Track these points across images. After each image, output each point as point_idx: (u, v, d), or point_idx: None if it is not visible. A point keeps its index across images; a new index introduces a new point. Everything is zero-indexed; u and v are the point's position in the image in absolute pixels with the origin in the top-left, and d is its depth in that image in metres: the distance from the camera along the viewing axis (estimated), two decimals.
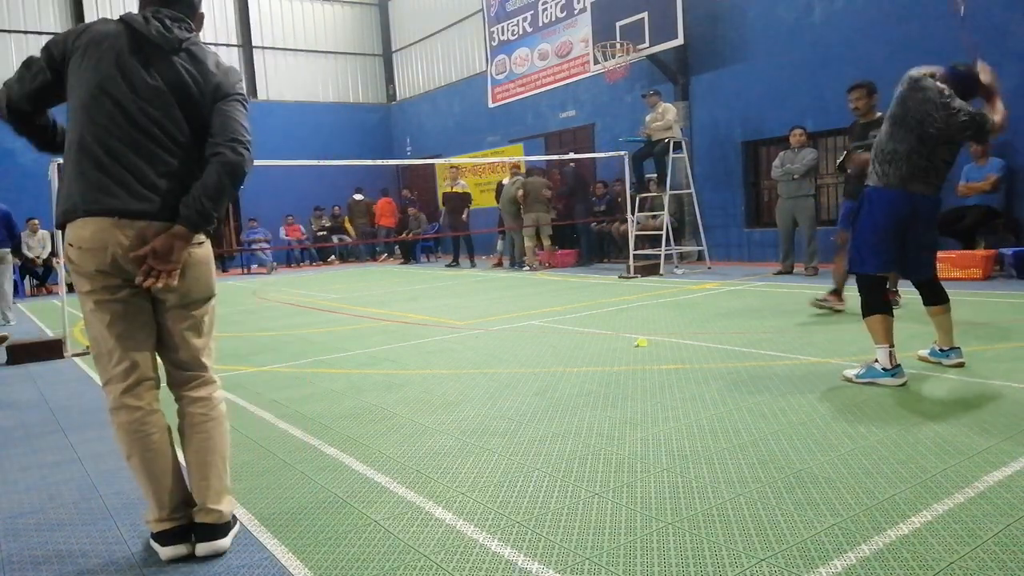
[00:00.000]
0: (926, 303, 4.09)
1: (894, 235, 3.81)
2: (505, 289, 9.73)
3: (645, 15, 11.39)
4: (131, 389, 2.22)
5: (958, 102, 3.76)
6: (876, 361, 3.80)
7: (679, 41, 11.08)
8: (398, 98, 20.31)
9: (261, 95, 18.46)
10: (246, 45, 18.33)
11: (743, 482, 2.59)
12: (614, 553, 2.12)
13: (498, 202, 13.78)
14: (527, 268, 12.39)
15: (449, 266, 14.12)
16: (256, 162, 8.75)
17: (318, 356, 5.57)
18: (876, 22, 9.34)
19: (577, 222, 12.64)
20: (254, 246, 16.36)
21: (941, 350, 4.12)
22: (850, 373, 3.91)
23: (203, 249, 2.33)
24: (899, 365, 3.77)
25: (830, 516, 2.28)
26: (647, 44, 11.43)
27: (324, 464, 3.05)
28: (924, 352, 4.23)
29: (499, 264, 13.66)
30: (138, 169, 2.17)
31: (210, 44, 15.48)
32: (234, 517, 2.39)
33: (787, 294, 7.53)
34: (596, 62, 12.38)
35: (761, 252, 11.01)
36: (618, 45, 11.76)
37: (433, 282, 11.43)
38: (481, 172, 16.56)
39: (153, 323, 2.29)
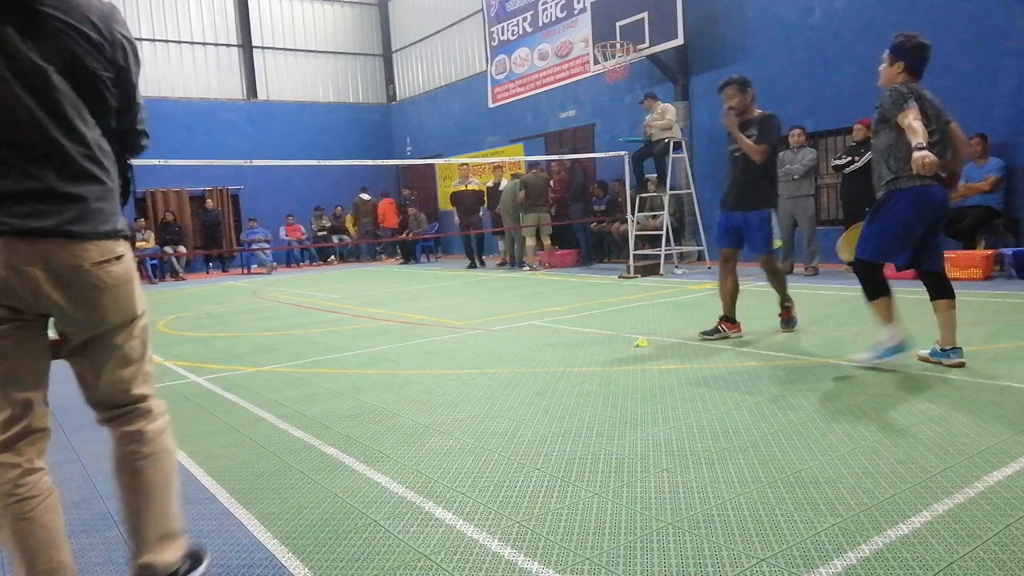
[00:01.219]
0: (933, 297, 4.12)
1: (917, 229, 3.95)
2: (505, 289, 9.73)
3: (645, 15, 11.39)
4: (11, 444, 1.76)
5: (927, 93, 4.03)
6: (883, 342, 3.95)
7: (679, 41, 11.08)
8: (398, 98, 20.31)
9: (261, 95, 18.46)
10: (246, 45, 18.32)
11: (743, 482, 2.59)
12: (614, 553, 2.12)
13: (487, 204, 13.81)
14: (526, 268, 12.37)
15: (471, 267, 13.63)
16: (256, 162, 8.78)
17: (318, 356, 5.57)
18: (876, 22, 9.34)
19: (577, 222, 12.64)
20: (254, 246, 16.37)
21: (942, 350, 4.13)
22: (861, 356, 3.99)
23: (121, 266, 1.83)
24: (904, 340, 3.88)
25: (830, 516, 2.28)
26: (647, 44, 11.43)
27: (324, 464, 3.05)
28: (924, 352, 4.22)
29: (503, 263, 13.66)
30: (28, 177, 1.69)
31: (210, 44, 15.42)
32: (195, 557, 2.07)
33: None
34: (596, 62, 12.37)
35: None
36: (618, 45, 11.76)
37: (433, 282, 11.43)
38: (481, 172, 16.57)
39: (47, 359, 1.87)
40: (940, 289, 4.09)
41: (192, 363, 5.55)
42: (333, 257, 18.04)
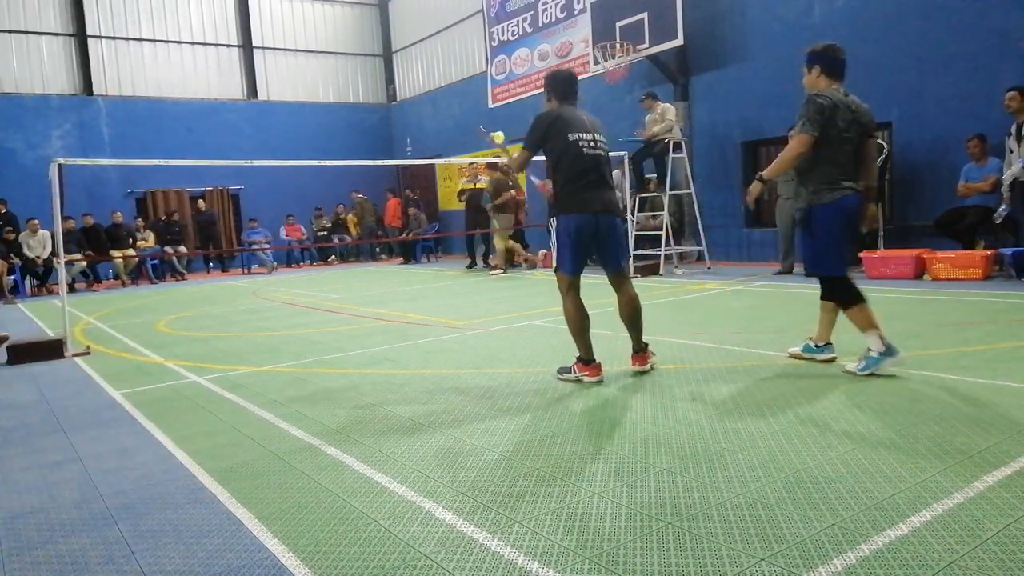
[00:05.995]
0: (824, 296, 4.39)
1: (845, 236, 4.21)
2: (505, 289, 9.73)
3: (645, 15, 11.39)
4: None
5: None
6: (870, 350, 4.02)
7: (679, 41, 11.08)
8: (398, 98, 20.31)
9: (261, 95, 18.46)
10: (246, 45, 18.32)
11: (743, 482, 2.59)
12: (614, 553, 2.12)
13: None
14: (499, 271, 12.28)
15: (470, 267, 13.63)
16: (256, 162, 8.75)
17: (318, 356, 5.57)
18: (875, 22, 9.34)
19: None
20: (254, 246, 16.37)
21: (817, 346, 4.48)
22: (851, 367, 4.07)
23: None
24: (891, 345, 3.96)
25: (830, 516, 2.28)
26: (647, 44, 11.43)
27: (324, 464, 3.05)
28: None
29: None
30: None
31: (210, 44, 15.43)
32: None
33: (787, 294, 7.53)
34: (596, 62, 12.37)
35: (761, 252, 11.02)
36: (618, 45, 11.76)
37: (433, 282, 11.43)
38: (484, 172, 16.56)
39: None
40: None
41: (192, 363, 5.55)
42: (333, 257, 18.05)
